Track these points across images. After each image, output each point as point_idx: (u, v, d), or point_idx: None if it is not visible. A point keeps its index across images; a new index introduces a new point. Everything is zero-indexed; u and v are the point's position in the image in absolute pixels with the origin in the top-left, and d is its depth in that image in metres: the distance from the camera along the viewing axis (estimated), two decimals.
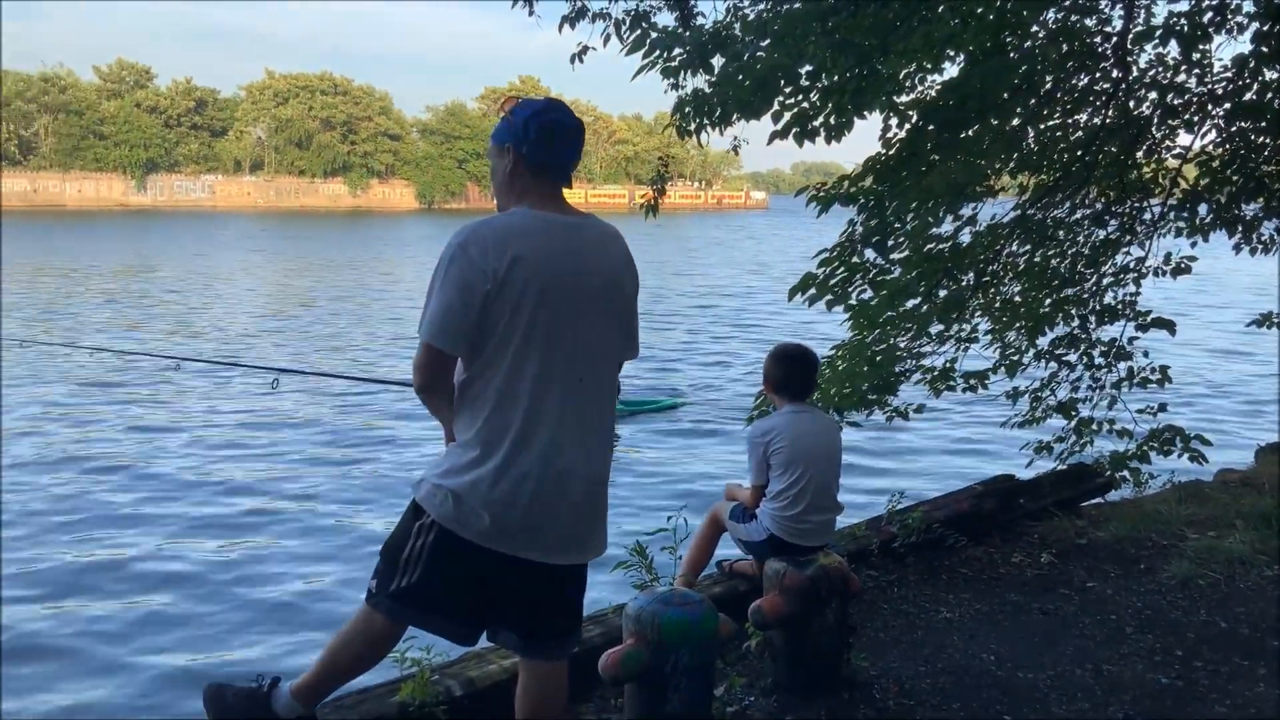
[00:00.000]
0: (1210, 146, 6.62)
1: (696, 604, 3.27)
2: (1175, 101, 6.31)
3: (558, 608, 2.77)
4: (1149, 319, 6.61)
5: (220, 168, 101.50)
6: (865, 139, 6.24)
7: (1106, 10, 6.17)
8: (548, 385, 2.58)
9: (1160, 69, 6.31)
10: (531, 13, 6.46)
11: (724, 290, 33.06)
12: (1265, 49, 5.90)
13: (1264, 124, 6.37)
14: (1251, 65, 6.05)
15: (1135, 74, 6.23)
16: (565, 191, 2.72)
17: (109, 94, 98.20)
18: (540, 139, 2.63)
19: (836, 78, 5.41)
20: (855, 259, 5.73)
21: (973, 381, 6.50)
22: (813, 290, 5.78)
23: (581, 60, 6.24)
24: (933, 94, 5.95)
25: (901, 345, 6.18)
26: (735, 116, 5.61)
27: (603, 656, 3.21)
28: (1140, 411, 6.70)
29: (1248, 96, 6.22)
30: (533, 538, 2.59)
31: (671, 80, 5.68)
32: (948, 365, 6.52)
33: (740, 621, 3.72)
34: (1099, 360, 6.82)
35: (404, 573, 2.66)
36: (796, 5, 5.58)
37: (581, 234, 2.66)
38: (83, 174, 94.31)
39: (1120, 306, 6.76)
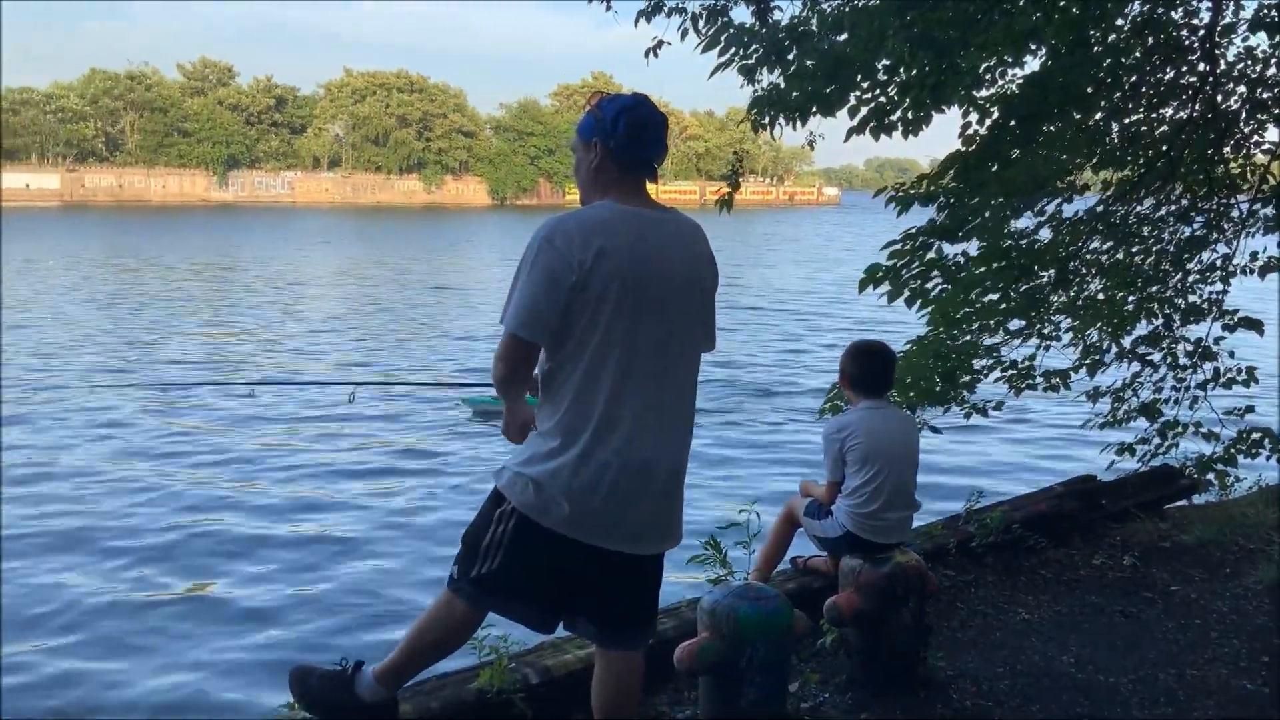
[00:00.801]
0: None
1: (772, 599, 3.26)
2: (1264, 96, 6.15)
3: (635, 598, 2.79)
4: (1236, 318, 6.44)
5: (299, 164, 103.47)
6: (940, 133, 6.18)
7: (1194, 2, 6.03)
8: (629, 376, 2.60)
9: (1249, 62, 6.16)
10: (609, 7, 6.47)
11: (794, 288, 32.90)
12: None
13: None
14: None
15: (1223, 67, 6.08)
16: None
17: (192, 91, 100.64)
18: (629, 135, 2.64)
19: (915, 71, 5.36)
20: (932, 255, 5.67)
21: (1054, 381, 6.39)
22: (887, 286, 5.71)
23: (656, 55, 6.22)
24: (1013, 88, 5.87)
25: (977, 340, 6.09)
26: (812, 111, 5.58)
27: (678, 649, 3.22)
28: (1227, 413, 6.54)
29: None
30: (612, 527, 2.62)
31: (748, 77, 5.67)
32: (1026, 364, 6.42)
33: (814, 618, 3.71)
34: (1183, 360, 6.68)
35: (484, 559, 2.70)
36: (874, 0, 5.54)
37: (665, 228, 2.67)
38: (167, 170, 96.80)
39: (1206, 305, 6.60)
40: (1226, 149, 6.44)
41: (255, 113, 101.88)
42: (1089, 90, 5.68)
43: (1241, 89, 6.16)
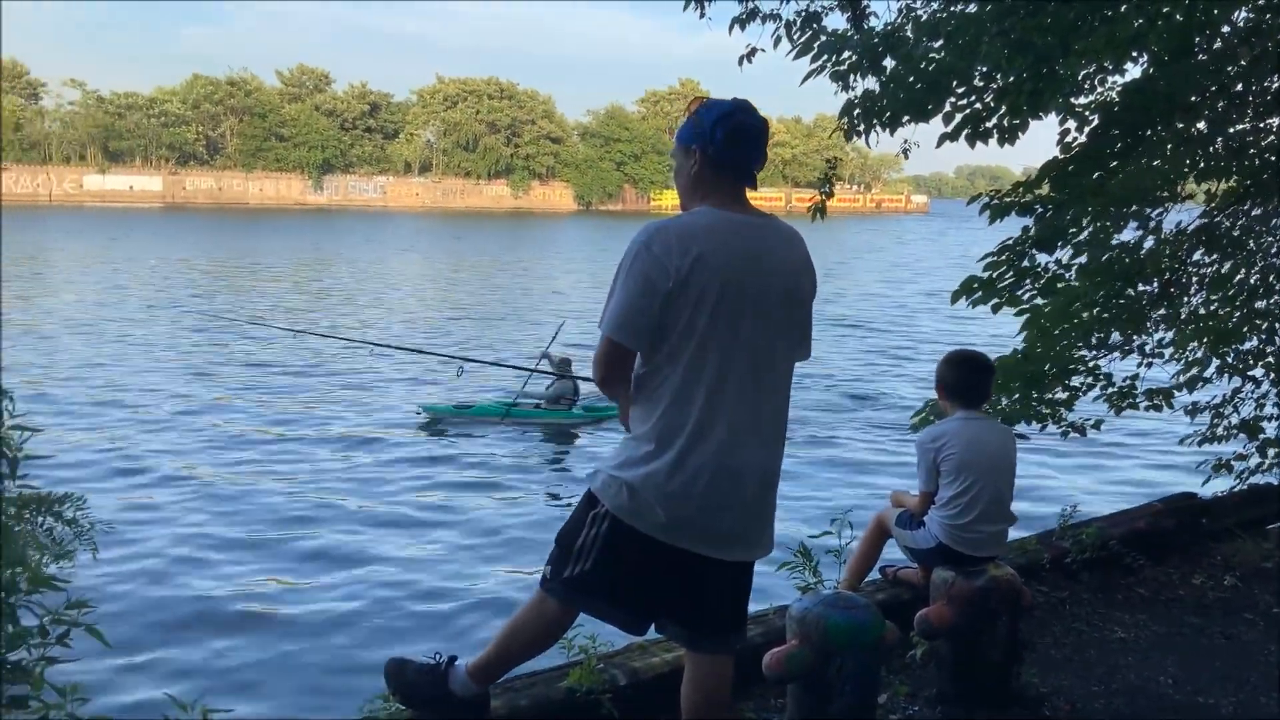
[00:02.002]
0: None
1: (862, 609, 3.24)
2: None
3: (725, 603, 2.79)
4: None
5: (391, 169, 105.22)
6: (1033, 141, 6.09)
7: None
8: (724, 382, 2.60)
9: None
10: (703, 15, 6.49)
11: (881, 297, 32.57)
12: None
13: None
14: None
15: None
16: None
17: (290, 97, 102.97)
18: (727, 142, 2.65)
19: (1012, 78, 5.29)
20: (1025, 263, 5.58)
21: (1157, 400, 6.23)
22: (978, 293, 5.65)
23: (750, 61, 6.21)
24: (1113, 95, 5.76)
25: (1077, 355, 5.96)
26: (905, 118, 5.54)
27: (767, 655, 3.22)
28: None
29: None
30: (705, 533, 2.63)
31: (841, 84, 5.65)
32: (1128, 383, 6.25)
33: (904, 630, 3.68)
34: None
35: (577, 560, 2.73)
36: (971, 7, 5.48)
37: (763, 234, 2.68)
38: (264, 174, 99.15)
39: None
40: None
41: (350, 118, 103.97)
42: (1193, 99, 5.55)
43: None
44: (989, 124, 5.47)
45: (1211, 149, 5.93)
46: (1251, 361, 6.48)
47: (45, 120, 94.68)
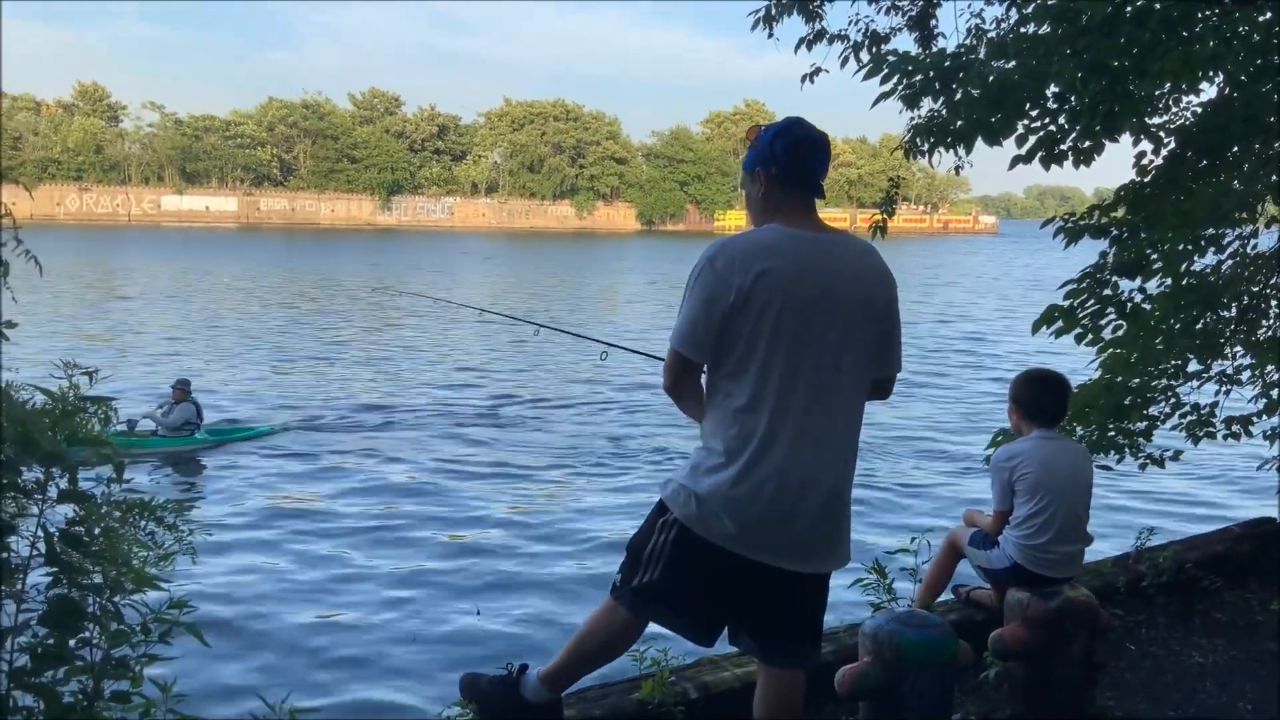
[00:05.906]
0: None
1: (936, 627, 3.24)
2: None
3: (795, 615, 2.82)
4: None
5: (458, 190, 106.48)
6: (1106, 160, 6.02)
7: None
8: (792, 394, 2.64)
9: None
10: (770, 35, 6.55)
11: (956, 320, 32.20)
12: None
13: None
14: None
15: None
16: None
17: (361, 120, 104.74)
18: (787, 154, 2.71)
19: (1086, 99, 5.25)
20: (1107, 291, 5.52)
21: (1235, 428, 6.11)
22: (1059, 322, 5.58)
23: (813, 81, 6.26)
24: (1189, 116, 5.70)
25: (1155, 384, 5.87)
26: (975, 140, 5.52)
27: (839, 672, 3.23)
28: None
29: None
30: (771, 543, 2.66)
31: (909, 105, 5.65)
32: (1207, 411, 6.14)
33: (977, 651, 3.66)
34: None
35: (646, 568, 2.79)
36: (1045, 28, 5.46)
37: (832, 250, 2.71)
38: (335, 194, 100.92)
39: None
40: None
41: (419, 140, 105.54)
42: (1271, 119, 5.47)
43: None
44: (1063, 146, 5.44)
45: None
46: None
47: (125, 142, 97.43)
